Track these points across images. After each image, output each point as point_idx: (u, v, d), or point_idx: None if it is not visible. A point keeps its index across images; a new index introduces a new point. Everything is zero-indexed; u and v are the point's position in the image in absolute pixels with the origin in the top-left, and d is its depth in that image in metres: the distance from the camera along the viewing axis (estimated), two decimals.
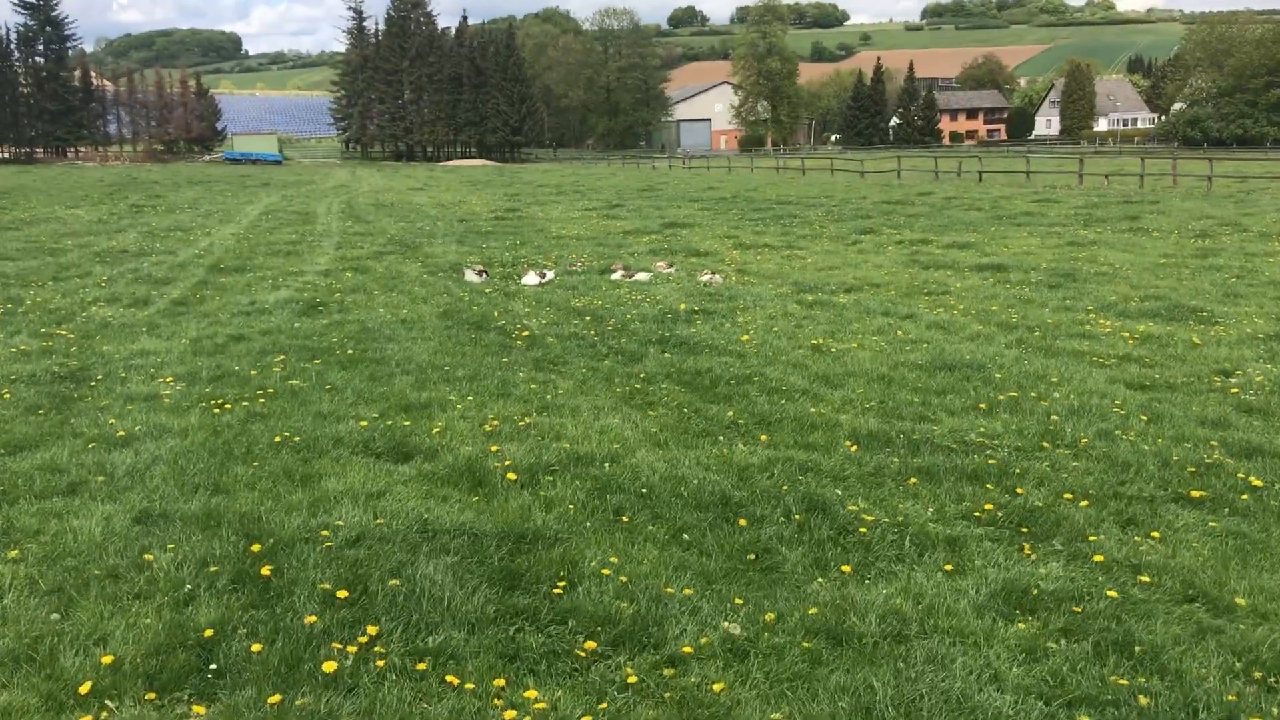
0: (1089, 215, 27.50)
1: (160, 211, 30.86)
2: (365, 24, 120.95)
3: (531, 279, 15.45)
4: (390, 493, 6.26)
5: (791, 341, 10.77)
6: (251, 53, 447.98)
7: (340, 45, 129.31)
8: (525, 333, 11.32)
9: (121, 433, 7.56)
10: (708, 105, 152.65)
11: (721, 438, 7.45)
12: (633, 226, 25.61)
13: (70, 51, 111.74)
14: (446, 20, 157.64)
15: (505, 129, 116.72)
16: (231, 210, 31.58)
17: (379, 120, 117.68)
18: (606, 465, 6.76)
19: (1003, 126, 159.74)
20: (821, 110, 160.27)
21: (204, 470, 6.73)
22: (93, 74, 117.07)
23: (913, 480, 6.52)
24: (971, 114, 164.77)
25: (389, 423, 7.82)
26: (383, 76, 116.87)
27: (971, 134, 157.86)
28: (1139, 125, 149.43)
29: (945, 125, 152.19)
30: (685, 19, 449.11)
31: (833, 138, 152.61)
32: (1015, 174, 49.49)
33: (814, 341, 10.70)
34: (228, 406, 8.34)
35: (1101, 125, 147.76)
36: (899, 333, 11.33)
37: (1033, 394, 8.53)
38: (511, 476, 6.49)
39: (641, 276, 15.82)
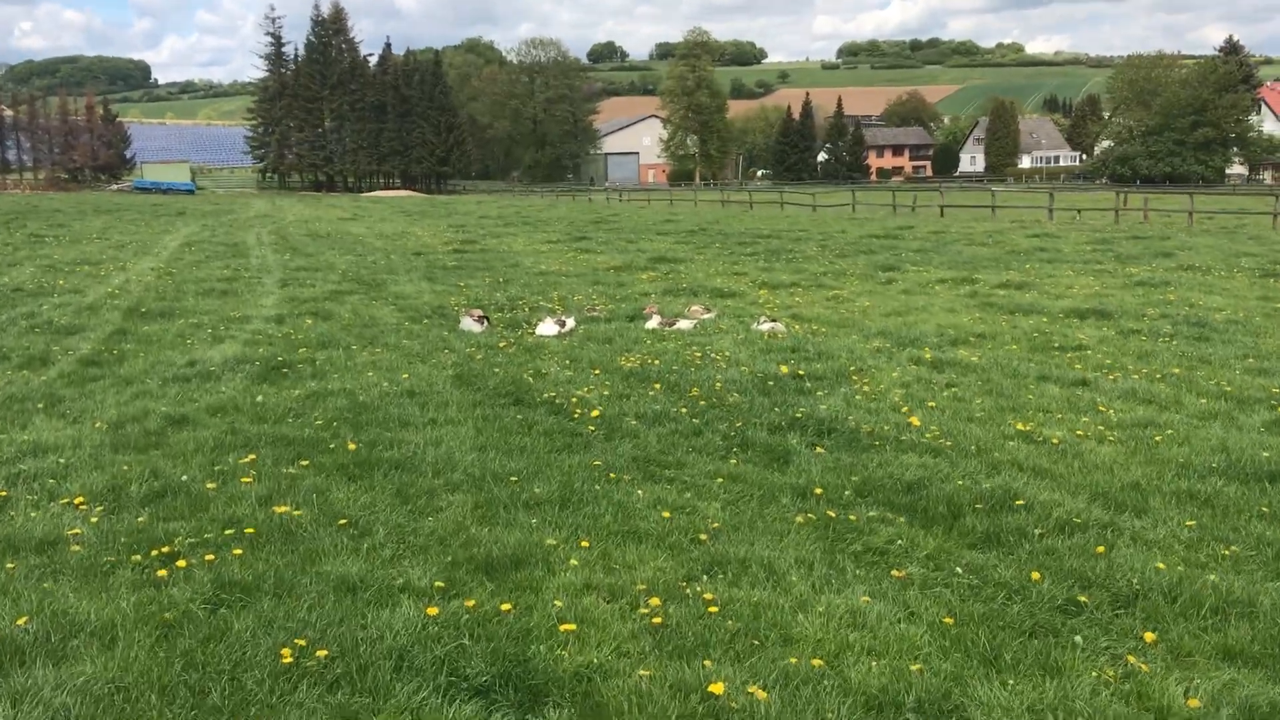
0: (1111, 252, 25.01)
1: (64, 242, 26.82)
2: (284, 50, 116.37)
3: (549, 328, 12.15)
4: None
5: (982, 427, 7.63)
6: (161, 82, 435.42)
7: (256, 73, 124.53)
8: (593, 411, 8.02)
9: None
10: (635, 139, 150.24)
11: (1079, 638, 4.26)
12: (617, 261, 22.40)
13: None
14: (367, 49, 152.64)
15: (431, 159, 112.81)
16: (148, 241, 27.65)
17: (298, 149, 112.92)
18: None
19: (928, 163, 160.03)
20: (748, 145, 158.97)
21: None
22: None
23: None
24: (897, 150, 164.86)
25: (471, 602, 4.49)
26: (302, 104, 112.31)
27: (898, 170, 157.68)
28: (1062, 163, 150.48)
29: (872, 161, 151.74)
30: (605, 54, 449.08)
31: (759, 173, 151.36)
32: (978, 209, 47.46)
33: (1018, 427, 7.58)
34: (180, 563, 4.93)
35: (1025, 163, 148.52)
36: (1102, 408, 8.27)
37: None
38: None
39: (684, 325, 12.62)
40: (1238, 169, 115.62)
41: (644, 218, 44.62)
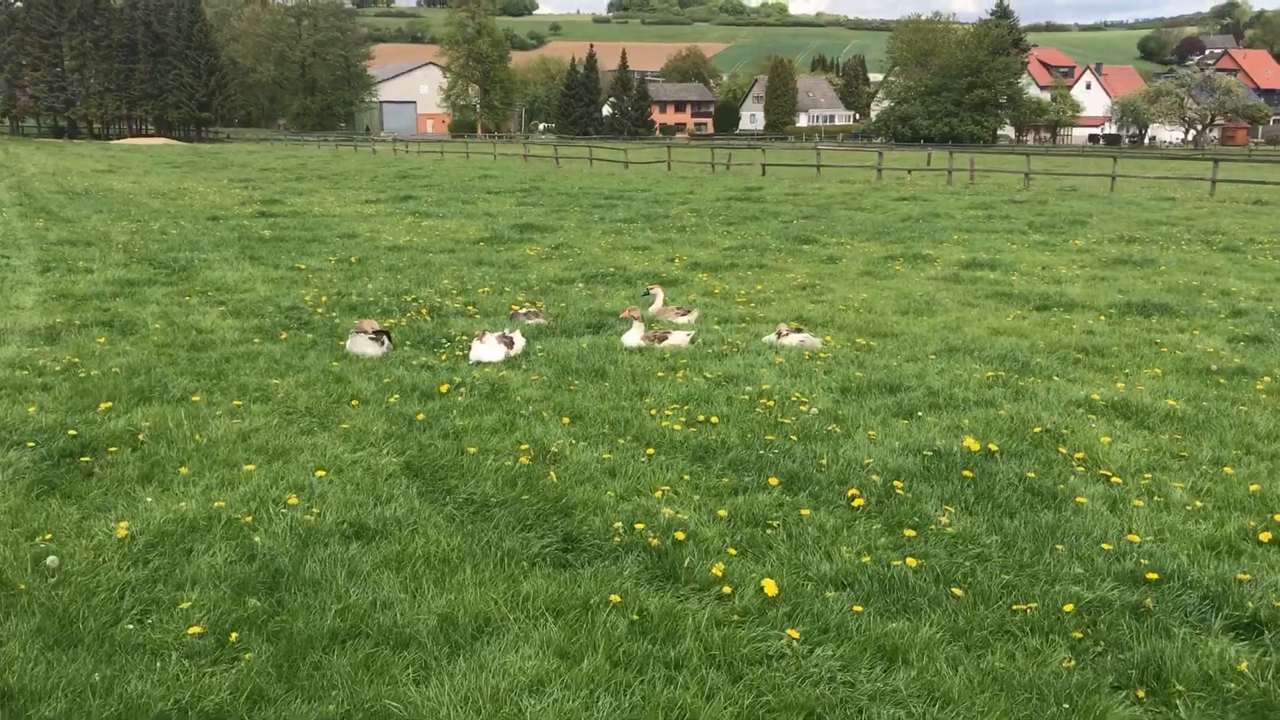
0: (1005, 218, 22.55)
1: None
2: None
3: (491, 350, 8.02)
4: None
5: None
6: None
7: None
8: (765, 583, 4.12)
9: None
10: (413, 87, 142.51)
11: None
12: (476, 230, 18.14)
13: None
14: None
15: (191, 104, 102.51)
16: None
17: (33, 90, 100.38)
18: None
19: (710, 120, 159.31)
20: (529, 97, 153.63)
21: None
22: None
23: None
24: (680, 106, 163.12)
25: None
26: (36, 40, 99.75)
27: (681, 126, 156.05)
28: (838, 122, 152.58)
29: (656, 117, 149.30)
30: None
31: (541, 126, 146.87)
32: (801, 168, 44.93)
33: None
34: None
35: (802, 121, 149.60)
36: None
37: None
38: None
39: (678, 339, 8.73)
40: (1006, 130, 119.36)
41: (455, 173, 40.01)
